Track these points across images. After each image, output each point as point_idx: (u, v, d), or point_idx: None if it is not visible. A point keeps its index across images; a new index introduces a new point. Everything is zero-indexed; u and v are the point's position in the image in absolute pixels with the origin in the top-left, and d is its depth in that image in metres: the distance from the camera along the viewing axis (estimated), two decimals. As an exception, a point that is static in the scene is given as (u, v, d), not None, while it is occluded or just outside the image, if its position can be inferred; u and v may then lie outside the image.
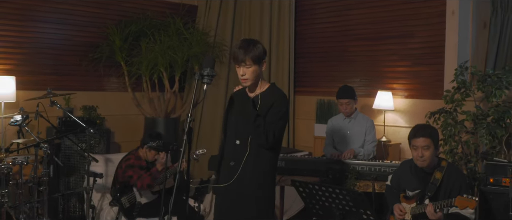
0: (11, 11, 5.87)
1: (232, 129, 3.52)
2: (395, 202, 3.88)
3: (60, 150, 5.70)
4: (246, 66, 3.36)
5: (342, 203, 3.31)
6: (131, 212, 5.13)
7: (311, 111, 6.79)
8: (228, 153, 3.53)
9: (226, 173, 3.48)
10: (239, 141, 3.43)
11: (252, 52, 3.34)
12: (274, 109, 3.37)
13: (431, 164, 3.79)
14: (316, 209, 3.51)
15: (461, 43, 5.39)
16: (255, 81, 3.43)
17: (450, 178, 3.73)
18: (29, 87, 5.75)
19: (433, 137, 3.74)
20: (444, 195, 3.68)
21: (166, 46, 6.40)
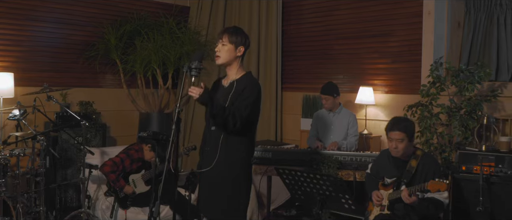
0: (10, 10, 5.91)
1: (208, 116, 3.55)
2: (373, 190, 4.01)
3: (57, 143, 5.76)
4: (222, 43, 3.44)
5: (322, 189, 3.40)
6: (125, 202, 5.22)
7: (298, 106, 6.90)
8: (205, 139, 3.59)
9: (204, 158, 3.55)
10: (214, 127, 3.48)
11: (231, 32, 3.44)
12: (243, 95, 3.40)
13: (406, 154, 3.91)
14: (299, 195, 3.60)
15: (436, 41, 5.52)
16: (228, 62, 3.48)
17: (424, 165, 3.86)
18: (27, 84, 5.78)
19: (407, 131, 3.86)
20: (419, 181, 3.79)
21: (159, 44, 6.49)
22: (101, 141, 6.22)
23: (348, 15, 6.38)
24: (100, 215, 5.35)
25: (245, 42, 3.48)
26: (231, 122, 3.32)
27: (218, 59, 3.47)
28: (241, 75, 3.52)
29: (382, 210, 3.89)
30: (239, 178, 3.49)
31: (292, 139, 6.93)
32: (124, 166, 5.18)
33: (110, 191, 5.27)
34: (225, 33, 3.45)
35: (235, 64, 3.51)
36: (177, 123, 3.11)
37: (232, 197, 3.48)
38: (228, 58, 3.47)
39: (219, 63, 3.49)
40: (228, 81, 3.54)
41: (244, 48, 3.49)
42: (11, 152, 4.46)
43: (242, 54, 3.50)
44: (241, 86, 3.45)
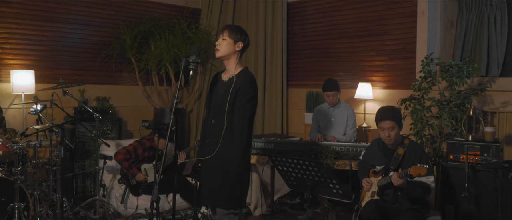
0: (32, 12, 6.05)
1: (210, 109, 3.63)
2: (364, 177, 4.08)
3: (74, 136, 5.90)
4: (223, 37, 3.50)
5: (311, 175, 3.47)
6: (137, 189, 5.34)
7: (302, 102, 6.98)
8: (205, 131, 3.65)
9: (204, 149, 3.60)
10: (214, 120, 3.54)
11: (231, 28, 3.50)
12: (241, 94, 3.44)
13: (396, 142, 3.99)
14: (291, 181, 3.67)
15: (430, 39, 5.56)
16: (227, 57, 3.53)
17: (411, 153, 3.93)
18: (47, 81, 5.90)
19: (396, 119, 3.95)
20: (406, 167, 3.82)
21: (171, 44, 6.60)
22: (117, 134, 6.36)
23: (348, 16, 6.45)
24: (114, 203, 5.49)
25: (244, 39, 3.54)
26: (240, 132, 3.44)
27: (217, 52, 3.52)
28: (239, 71, 3.56)
29: (372, 196, 3.96)
30: (238, 167, 3.51)
31: (297, 133, 7.01)
32: (136, 154, 5.30)
33: (123, 179, 5.39)
34: (226, 29, 3.51)
35: (234, 58, 3.55)
36: (176, 113, 3.16)
37: (231, 185, 3.50)
38: (227, 52, 3.51)
39: (218, 56, 3.54)
40: (228, 76, 3.58)
41: (243, 45, 3.54)
42: (29, 143, 4.58)
43: (240, 50, 3.55)
44: (239, 81, 3.49)
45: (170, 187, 5.14)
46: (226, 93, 3.49)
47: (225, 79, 3.59)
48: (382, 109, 4.08)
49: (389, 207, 3.87)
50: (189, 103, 7.48)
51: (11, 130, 4.71)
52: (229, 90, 3.48)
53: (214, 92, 3.64)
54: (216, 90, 3.61)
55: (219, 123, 3.49)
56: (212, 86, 3.68)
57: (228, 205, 3.52)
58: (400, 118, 3.99)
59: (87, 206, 5.35)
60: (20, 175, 4.36)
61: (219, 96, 3.54)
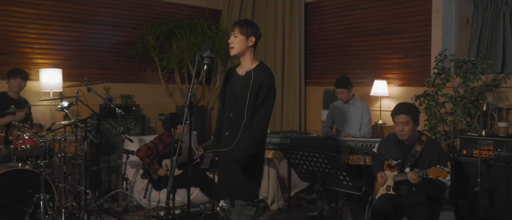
0: (60, 13, 6.13)
1: (227, 103, 3.56)
2: (379, 170, 3.98)
3: (100, 131, 5.94)
4: (234, 35, 3.42)
5: (322, 167, 3.40)
6: (158, 184, 5.34)
7: (319, 99, 6.91)
8: (221, 124, 3.60)
9: (223, 141, 3.54)
10: (232, 113, 3.48)
11: (243, 25, 3.42)
12: (263, 89, 3.37)
13: (411, 138, 3.86)
14: (303, 173, 3.61)
15: (445, 37, 5.43)
16: (241, 53, 3.45)
17: (429, 150, 3.79)
18: (74, 79, 5.94)
19: (411, 114, 3.80)
20: (423, 165, 3.75)
21: (191, 43, 6.61)
22: (140, 131, 6.39)
23: (364, 15, 6.35)
24: (136, 196, 5.51)
25: (255, 32, 3.46)
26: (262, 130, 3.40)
27: (231, 50, 3.46)
28: (255, 65, 3.49)
29: (387, 190, 3.87)
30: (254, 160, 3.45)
31: (315, 130, 6.94)
32: (157, 150, 5.31)
33: (145, 173, 5.40)
34: (236, 26, 3.44)
35: (248, 54, 3.48)
36: (190, 106, 3.13)
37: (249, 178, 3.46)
38: (241, 49, 3.45)
39: (233, 54, 3.48)
40: (244, 70, 3.50)
41: (255, 39, 3.46)
42: (54, 138, 4.63)
43: (253, 44, 3.48)
44: (258, 75, 3.41)
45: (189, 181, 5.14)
46: (245, 88, 3.42)
47: (241, 74, 3.52)
48: (399, 104, 3.96)
49: (402, 201, 3.78)
50: (210, 101, 7.48)
51: (37, 125, 4.77)
52: (248, 85, 3.40)
53: (228, 86, 3.58)
54: (232, 84, 3.55)
55: (238, 117, 3.43)
56: (226, 81, 3.63)
57: (247, 197, 3.48)
58: (416, 114, 3.84)
59: (110, 198, 5.38)
60: (46, 168, 4.41)
61: (237, 90, 3.47)
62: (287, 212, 5.47)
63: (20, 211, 4.32)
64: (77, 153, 5.06)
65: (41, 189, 4.30)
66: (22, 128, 4.56)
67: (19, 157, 4.72)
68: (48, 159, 4.77)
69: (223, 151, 3.47)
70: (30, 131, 4.59)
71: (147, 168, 5.29)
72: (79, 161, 4.98)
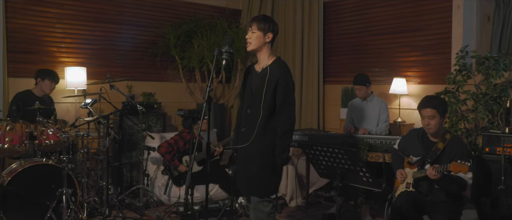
0: (84, 13, 6.09)
1: (245, 99, 3.45)
2: (398, 167, 3.79)
3: (122, 128, 5.87)
4: (252, 31, 3.30)
5: (341, 163, 3.24)
6: (179, 180, 5.24)
7: (338, 98, 6.73)
8: (241, 120, 3.48)
9: (240, 137, 3.42)
10: (249, 110, 3.36)
11: (260, 20, 3.29)
12: (280, 87, 3.25)
13: (438, 133, 3.65)
14: (322, 169, 3.45)
15: (465, 34, 5.22)
16: (258, 48, 3.33)
17: (452, 148, 3.59)
18: (97, 77, 5.90)
19: (438, 108, 3.58)
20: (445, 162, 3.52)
21: (212, 42, 6.50)
22: (161, 128, 6.30)
23: (382, 13, 6.16)
24: (157, 192, 5.41)
25: (273, 28, 3.32)
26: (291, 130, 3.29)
27: (249, 45, 3.34)
28: (272, 61, 3.36)
29: (407, 187, 3.68)
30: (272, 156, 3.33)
31: (333, 128, 6.78)
32: (178, 147, 5.20)
33: (166, 170, 5.31)
34: (253, 21, 3.32)
35: (265, 49, 3.35)
36: (208, 101, 3.02)
37: (267, 174, 3.33)
38: (258, 44, 3.32)
39: (250, 49, 3.36)
40: (261, 67, 3.39)
41: (273, 35, 3.32)
42: (77, 134, 4.56)
43: (271, 40, 3.35)
44: (274, 72, 3.29)
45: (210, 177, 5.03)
46: (261, 84, 3.30)
47: (258, 70, 3.41)
48: (426, 97, 3.73)
49: (422, 199, 3.59)
50: (230, 99, 7.36)
51: (61, 121, 4.69)
52: (264, 81, 3.29)
53: (247, 82, 3.47)
54: (250, 80, 3.44)
55: (254, 113, 3.32)
56: (246, 77, 3.52)
57: (263, 193, 3.35)
58: (443, 108, 3.61)
59: (132, 194, 5.30)
60: (69, 163, 4.33)
61: (254, 86, 3.37)
62: (306, 210, 5.31)
63: (43, 205, 4.24)
64: (100, 149, 4.98)
65: (63, 183, 4.23)
66: (46, 124, 4.49)
67: (43, 152, 4.66)
68: (71, 154, 4.70)
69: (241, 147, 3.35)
70: (54, 127, 4.52)
71: (168, 164, 5.19)
72: (101, 157, 4.90)
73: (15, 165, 4.39)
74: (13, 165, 4.42)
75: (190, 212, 4.47)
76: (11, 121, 4.38)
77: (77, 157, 4.89)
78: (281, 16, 7.15)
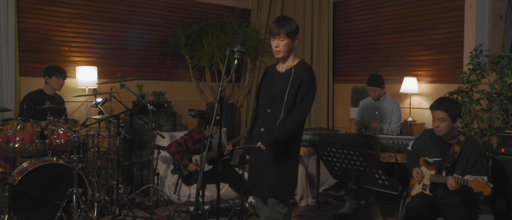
0: (95, 13, 5.98)
1: (264, 99, 3.32)
2: (415, 166, 3.63)
3: (133, 127, 5.76)
4: (280, 39, 3.17)
5: (356, 164, 3.09)
6: (189, 179, 5.13)
7: (347, 97, 6.58)
8: (259, 120, 3.35)
9: (258, 137, 3.28)
10: (270, 110, 3.24)
11: (286, 26, 3.16)
12: (303, 87, 3.15)
13: (448, 135, 3.50)
14: (336, 171, 3.30)
15: (478, 33, 5.05)
16: (287, 54, 3.22)
17: (467, 150, 3.43)
18: (108, 77, 5.78)
19: (449, 111, 3.42)
20: (461, 166, 3.41)
21: (222, 41, 6.38)
22: (172, 127, 6.19)
23: (393, 12, 6.00)
24: (167, 191, 5.31)
25: (297, 30, 3.23)
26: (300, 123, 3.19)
27: (279, 53, 3.21)
28: (297, 62, 3.27)
29: (424, 189, 3.52)
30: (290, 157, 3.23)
31: (343, 127, 6.62)
32: (187, 146, 5.09)
33: (176, 169, 5.20)
34: (281, 29, 3.16)
35: (291, 52, 3.28)
36: (220, 101, 2.90)
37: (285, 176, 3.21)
38: (287, 51, 3.22)
39: (280, 56, 3.23)
40: (285, 67, 3.28)
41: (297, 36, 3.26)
42: (88, 133, 4.45)
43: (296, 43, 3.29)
44: (299, 72, 3.20)
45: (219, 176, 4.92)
46: (284, 84, 3.19)
47: (281, 70, 3.29)
48: (439, 99, 3.58)
49: (438, 201, 3.43)
50: (239, 99, 7.23)
51: (72, 120, 4.59)
52: (288, 81, 3.18)
53: (266, 83, 3.35)
54: (271, 81, 3.32)
55: (275, 113, 3.20)
56: (265, 77, 3.39)
57: (280, 194, 3.23)
58: (454, 112, 3.44)
59: (142, 193, 5.19)
60: (80, 162, 4.23)
61: (276, 87, 3.25)
62: (316, 209, 5.18)
63: (53, 205, 4.14)
64: (110, 148, 4.87)
65: (74, 183, 4.12)
66: (57, 123, 4.39)
67: (54, 152, 4.56)
68: (82, 154, 4.61)
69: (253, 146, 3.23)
70: (65, 126, 4.41)
71: (178, 164, 5.07)
72: (112, 156, 4.79)
73: (26, 164, 4.29)
74: (24, 164, 4.32)
75: (200, 212, 4.34)
76: (22, 121, 4.28)
77: (88, 156, 4.79)
78: (291, 15, 6.94)
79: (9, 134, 4.18)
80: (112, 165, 4.84)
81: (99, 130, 4.59)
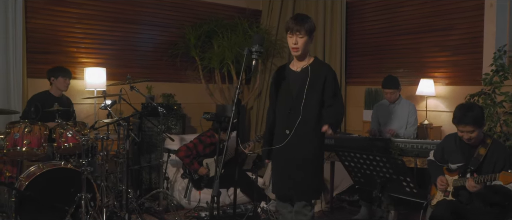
0: (104, 13, 5.86)
1: (283, 100, 3.21)
2: (438, 174, 3.45)
3: (142, 130, 5.61)
4: (299, 36, 3.09)
5: (382, 171, 2.93)
6: (199, 183, 4.98)
7: (360, 99, 6.41)
8: (281, 121, 3.22)
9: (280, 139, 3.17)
10: (291, 110, 3.14)
11: (306, 24, 3.09)
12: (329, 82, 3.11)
13: (477, 141, 3.33)
14: (359, 178, 3.14)
15: (499, 33, 4.87)
16: (304, 52, 3.13)
17: (493, 153, 3.26)
18: (117, 78, 5.66)
19: (476, 122, 3.22)
20: (487, 169, 3.24)
21: (233, 42, 6.22)
22: (181, 129, 6.04)
23: (409, 12, 5.83)
24: (177, 195, 5.16)
25: (314, 29, 3.16)
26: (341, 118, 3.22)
27: (296, 51, 3.13)
28: (312, 60, 3.20)
29: (446, 195, 3.35)
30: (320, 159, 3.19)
31: (355, 130, 6.45)
32: (197, 150, 4.94)
33: (186, 173, 5.05)
34: (301, 26, 3.08)
35: (307, 50, 3.21)
36: (237, 104, 2.76)
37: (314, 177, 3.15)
38: (306, 49, 3.16)
39: (298, 54, 3.15)
40: (300, 67, 3.18)
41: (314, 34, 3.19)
42: (96, 136, 4.31)
43: None
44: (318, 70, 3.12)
45: (231, 181, 4.77)
46: (302, 84, 3.11)
47: (297, 69, 3.19)
48: (460, 110, 3.30)
49: (463, 207, 3.26)
50: (249, 100, 7.07)
51: (80, 123, 4.44)
52: (305, 81, 3.10)
53: (283, 83, 3.23)
54: (287, 81, 3.21)
55: (296, 114, 3.12)
56: (278, 79, 3.26)
57: (310, 197, 3.17)
58: (480, 121, 3.26)
59: (151, 197, 5.04)
60: (88, 166, 4.08)
61: (294, 87, 3.16)
62: (330, 214, 5.01)
63: (61, 210, 4.00)
64: (119, 152, 4.72)
65: (82, 188, 3.97)
66: (65, 126, 4.25)
67: (62, 155, 4.42)
68: (90, 157, 4.46)
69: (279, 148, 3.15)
70: (73, 129, 4.27)
71: (188, 168, 4.92)
72: (121, 160, 4.64)
73: (33, 168, 4.16)
74: (31, 168, 4.18)
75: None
76: (30, 123, 4.14)
77: (96, 160, 4.64)
78: (302, 16, 6.82)
79: (16, 137, 4.05)
80: (121, 169, 4.69)
81: (108, 133, 4.45)
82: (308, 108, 3.07)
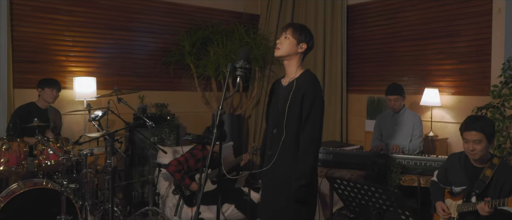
0: (94, 20, 5.63)
1: (270, 118, 2.96)
2: (438, 199, 3.18)
3: (134, 142, 5.38)
4: (285, 36, 2.83)
5: (378, 202, 2.65)
6: (191, 200, 4.72)
7: (362, 108, 6.13)
8: (268, 141, 2.96)
9: (266, 161, 2.92)
10: (275, 130, 2.86)
11: (296, 27, 2.84)
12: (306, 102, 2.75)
13: (483, 158, 3.04)
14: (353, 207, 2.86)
15: (507, 40, 4.58)
16: (287, 56, 2.83)
17: (501, 176, 2.98)
18: (108, 87, 5.43)
19: (485, 131, 2.96)
20: (494, 193, 2.96)
21: (228, 49, 5.96)
22: (175, 141, 5.78)
23: (412, 17, 5.53)
24: (168, 212, 4.90)
25: (308, 41, 2.85)
26: (313, 155, 2.77)
27: (277, 50, 2.84)
28: (300, 73, 2.87)
29: (451, 222, 3.08)
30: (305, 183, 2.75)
31: (357, 140, 6.17)
32: (188, 165, 4.68)
33: (177, 189, 4.79)
34: (290, 27, 2.84)
35: (295, 60, 2.86)
36: (219, 126, 2.49)
37: (298, 204, 2.78)
38: (288, 52, 2.82)
39: (278, 55, 2.85)
40: (288, 80, 2.90)
41: (307, 47, 2.85)
42: (80, 152, 4.06)
43: (303, 52, 2.86)
44: (300, 84, 2.81)
45: (224, 197, 4.51)
46: (286, 99, 2.81)
47: (285, 84, 2.91)
48: (470, 118, 3.10)
49: (470, 235, 2.98)
50: (247, 109, 6.81)
51: (63, 138, 4.20)
52: (288, 96, 2.80)
53: (273, 99, 2.96)
54: (276, 97, 2.93)
55: (280, 133, 2.82)
56: (272, 94, 3.01)
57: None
58: (490, 132, 2.99)
59: (142, 214, 4.78)
60: (73, 183, 3.84)
61: (280, 103, 2.87)
62: (330, 232, 4.74)
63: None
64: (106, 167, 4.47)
65: (62, 210, 3.72)
66: (46, 143, 4.00)
67: (45, 172, 4.17)
68: (75, 173, 4.22)
69: (259, 171, 2.92)
70: (55, 146, 4.02)
71: (178, 183, 4.67)
72: (107, 176, 4.39)
73: (14, 187, 3.92)
74: (11, 186, 3.95)
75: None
76: (8, 140, 3.90)
77: (83, 176, 4.39)
78: (302, 21, 6.53)
79: (-7, 155, 3.81)
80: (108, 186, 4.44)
81: (92, 150, 4.20)
82: (290, 127, 2.78)
